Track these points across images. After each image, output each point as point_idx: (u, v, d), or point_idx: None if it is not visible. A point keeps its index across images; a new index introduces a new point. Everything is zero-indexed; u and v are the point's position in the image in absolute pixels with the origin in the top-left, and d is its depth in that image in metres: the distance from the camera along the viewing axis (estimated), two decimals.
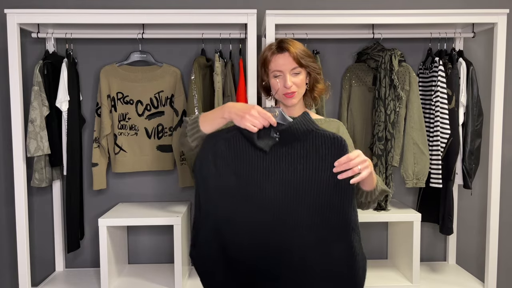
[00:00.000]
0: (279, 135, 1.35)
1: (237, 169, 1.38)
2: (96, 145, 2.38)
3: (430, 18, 2.15)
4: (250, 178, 1.36)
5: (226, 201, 1.39)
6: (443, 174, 2.30)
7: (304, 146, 1.34)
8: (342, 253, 1.35)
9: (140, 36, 2.33)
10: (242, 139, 1.38)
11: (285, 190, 1.35)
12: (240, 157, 1.38)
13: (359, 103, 2.48)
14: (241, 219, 1.38)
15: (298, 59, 1.49)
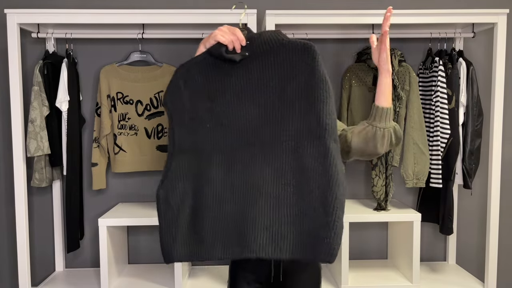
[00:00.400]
0: (248, 46, 1.30)
1: (209, 93, 1.33)
2: (96, 145, 2.38)
3: (430, 18, 2.15)
4: (222, 99, 1.32)
5: (201, 128, 1.33)
6: (443, 174, 2.30)
7: (274, 57, 1.28)
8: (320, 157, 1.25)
9: (140, 36, 2.33)
10: (212, 60, 1.35)
11: (259, 105, 1.29)
12: (211, 79, 1.34)
13: (359, 103, 2.47)
14: (216, 144, 1.32)
15: None
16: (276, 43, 1.29)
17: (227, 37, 1.30)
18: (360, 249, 2.64)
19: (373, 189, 2.31)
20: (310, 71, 1.26)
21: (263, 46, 1.30)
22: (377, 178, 2.28)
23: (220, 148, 1.32)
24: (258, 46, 1.30)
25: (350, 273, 2.39)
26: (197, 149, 1.34)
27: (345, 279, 2.26)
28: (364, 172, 2.61)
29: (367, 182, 2.61)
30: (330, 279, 2.41)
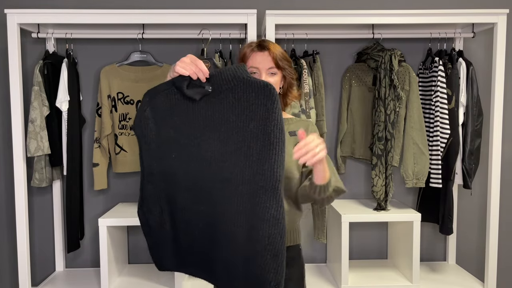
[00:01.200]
0: (210, 83, 1.32)
1: (174, 123, 1.37)
2: (97, 145, 2.38)
3: (430, 18, 2.15)
4: (185, 131, 1.36)
5: (166, 156, 1.38)
6: (443, 174, 2.30)
7: (234, 95, 1.31)
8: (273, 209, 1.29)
9: (140, 36, 2.33)
10: (177, 92, 1.37)
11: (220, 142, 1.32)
12: (175, 109, 1.37)
13: (359, 103, 2.48)
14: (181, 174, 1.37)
15: (276, 60, 1.50)
16: (238, 81, 1.31)
17: (188, 68, 1.32)
18: (360, 249, 2.64)
19: (373, 189, 2.31)
20: (268, 116, 1.28)
21: (225, 84, 1.32)
22: (377, 178, 2.28)
23: (185, 177, 1.38)
24: (220, 83, 1.32)
25: (350, 273, 2.39)
26: (165, 174, 1.40)
27: (345, 279, 2.26)
28: (364, 172, 2.61)
29: (367, 182, 2.61)
30: (330, 279, 2.41)
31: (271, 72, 1.51)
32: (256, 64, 1.50)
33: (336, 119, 2.58)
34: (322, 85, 2.34)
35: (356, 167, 2.60)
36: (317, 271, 2.53)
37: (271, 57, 1.49)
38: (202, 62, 1.33)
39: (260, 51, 1.51)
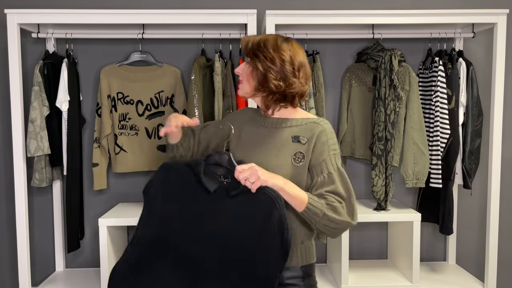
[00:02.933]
0: (226, 181, 1.36)
1: (178, 202, 1.40)
2: (96, 145, 2.38)
3: (430, 18, 2.15)
4: (190, 213, 1.38)
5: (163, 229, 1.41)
6: (443, 174, 2.30)
7: (242, 199, 1.32)
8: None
9: (140, 36, 2.33)
10: (192, 175, 1.40)
11: (218, 236, 1.34)
12: (186, 191, 1.39)
13: (359, 103, 2.48)
14: (174, 251, 1.38)
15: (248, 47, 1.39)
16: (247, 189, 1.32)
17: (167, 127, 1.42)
18: (360, 249, 2.64)
19: (373, 189, 2.31)
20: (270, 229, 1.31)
21: (237, 187, 1.33)
22: (377, 178, 2.28)
23: (178, 261, 1.38)
24: (234, 185, 1.34)
25: (350, 273, 2.39)
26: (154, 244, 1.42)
27: (345, 279, 2.26)
28: (364, 172, 2.61)
29: (367, 182, 2.61)
30: (330, 279, 2.41)
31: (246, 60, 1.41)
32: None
33: (336, 119, 2.58)
34: (322, 85, 2.34)
35: (356, 167, 2.60)
36: (317, 271, 2.52)
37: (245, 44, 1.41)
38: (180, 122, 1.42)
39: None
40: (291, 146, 1.41)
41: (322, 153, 1.39)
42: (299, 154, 1.39)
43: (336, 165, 1.39)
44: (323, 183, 1.37)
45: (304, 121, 1.45)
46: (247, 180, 1.29)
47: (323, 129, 1.41)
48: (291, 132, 1.43)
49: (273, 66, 1.37)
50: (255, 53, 1.38)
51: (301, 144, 1.40)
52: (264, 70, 1.37)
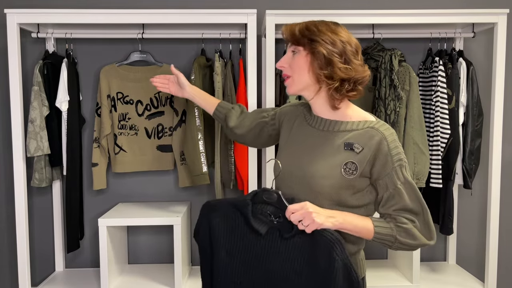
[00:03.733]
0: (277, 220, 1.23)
1: (229, 246, 1.30)
2: (96, 145, 2.38)
3: (430, 18, 2.15)
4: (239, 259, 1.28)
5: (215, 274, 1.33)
6: (443, 174, 2.30)
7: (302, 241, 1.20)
8: None
9: (140, 36, 2.33)
10: (239, 216, 1.29)
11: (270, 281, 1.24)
12: (234, 235, 1.29)
13: (359, 103, 2.45)
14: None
15: (294, 33, 1.22)
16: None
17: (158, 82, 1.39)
18: None
19: None
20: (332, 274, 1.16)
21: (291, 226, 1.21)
22: None
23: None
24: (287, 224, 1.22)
25: None
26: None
27: None
28: None
29: None
30: None
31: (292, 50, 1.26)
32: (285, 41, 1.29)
33: None
34: None
35: None
36: None
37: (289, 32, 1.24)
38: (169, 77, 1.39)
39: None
40: (342, 154, 1.24)
41: (385, 166, 1.22)
42: (351, 164, 1.22)
43: (403, 178, 1.24)
44: (389, 200, 1.24)
45: (361, 125, 1.26)
46: (300, 222, 1.16)
47: (382, 137, 1.23)
48: (344, 137, 1.25)
49: (335, 49, 1.22)
50: (312, 38, 1.21)
51: (354, 153, 1.22)
52: (328, 54, 1.21)
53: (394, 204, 1.24)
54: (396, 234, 1.21)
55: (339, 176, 1.22)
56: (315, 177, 1.24)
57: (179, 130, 2.38)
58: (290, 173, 1.31)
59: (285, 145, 1.40)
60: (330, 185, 1.22)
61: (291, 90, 1.30)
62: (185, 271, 2.34)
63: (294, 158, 1.33)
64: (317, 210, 1.17)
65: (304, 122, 1.37)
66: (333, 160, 1.24)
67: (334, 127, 1.29)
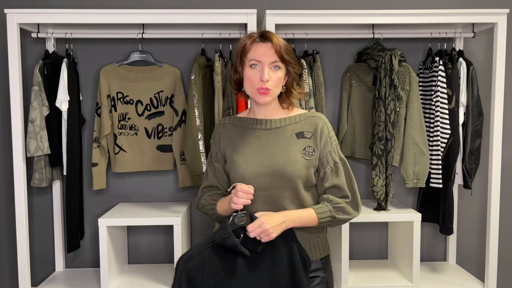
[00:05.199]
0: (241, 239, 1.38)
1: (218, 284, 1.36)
2: (96, 145, 2.38)
3: (430, 18, 2.15)
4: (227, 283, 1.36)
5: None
6: (443, 174, 2.30)
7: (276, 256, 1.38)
8: None
9: (140, 36, 2.33)
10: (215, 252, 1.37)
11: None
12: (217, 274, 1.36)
13: (359, 103, 2.47)
14: None
15: (281, 53, 1.39)
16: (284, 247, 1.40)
17: (241, 201, 1.36)
18: (360, 249, 2.64)
19: (373, 189, 2.30)
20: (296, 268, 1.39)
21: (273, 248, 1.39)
22: (377, 178, 2.28)
23: None
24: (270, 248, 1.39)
25: (350, 273, 2.39)
26: None
27: (345, 279, 2.26)
28: (364, 172, 2.61)
29: (367, 182, 2.61)
30: None
31: (274, 65, 1.40)
32: (258, 57, 1.39)
33: (336, 119, 2.58)
34: (322, 85, 2.34)
35: (356, 167, 2.60)
36: None
37: (275, 49, 1.38)
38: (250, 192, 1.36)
39: (262, 41, 1.40)
40: (297, 142, 1.45)
41: (326, 145, 1.46)
42: (308, 148, 1.45)
43: (338, 155, 1.48)
44: (330, 174, 1.45)
45: (303, 117, 1.50)
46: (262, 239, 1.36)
47: (323, 122, 1.49)
48: (293, 129, 1.47)
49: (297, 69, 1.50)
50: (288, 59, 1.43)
51: (306, 138, 1.45)
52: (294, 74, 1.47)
53: (333, 179, 1.45)
54: (335, 214, 1.43)
55: (302, 159, 1.43)
56: (284, 165, 1.41)
57: (179, 130, 2.38)
58: (255, 173, 1.44)
59: (236, 153, 1.48)
60: (298, 169, 1.42)
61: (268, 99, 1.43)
62: None
63: (253, 158, 1.46)
64: (272, 223, 1.35)
65: (245, 129, 1.51)
66: (291, 148, 1.44)
67: (281, 123, 1.48)
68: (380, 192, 2.29)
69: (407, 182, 2.28)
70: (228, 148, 1.52)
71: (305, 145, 1.45)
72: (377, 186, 2.29)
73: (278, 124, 1.49)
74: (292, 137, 1.46)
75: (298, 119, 1.49)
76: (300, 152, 1.44)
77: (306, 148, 1.44)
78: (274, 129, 1.48)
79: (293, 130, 1.47)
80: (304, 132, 1.46)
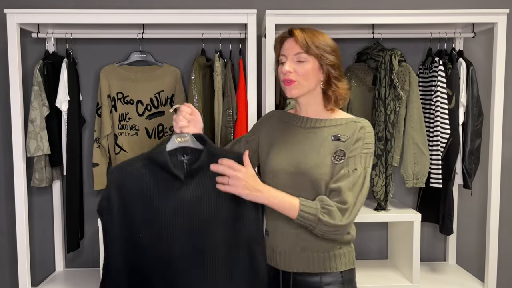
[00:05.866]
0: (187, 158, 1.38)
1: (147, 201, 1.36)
2: (96, 145, 2.38)
3: (430, 18, 2.15)
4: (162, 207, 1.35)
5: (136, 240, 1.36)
6: (443, 174, 2.30)
7: (209, 174, 1.36)
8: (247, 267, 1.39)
9: (140, 36, 2.33)
10: (151, 168, 1.39)
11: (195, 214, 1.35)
12: (150, 189, 1.37)
13: (359, 103, 2.47)
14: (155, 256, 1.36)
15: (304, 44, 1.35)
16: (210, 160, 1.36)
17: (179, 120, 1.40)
18: (360, 249, 2.64)
19: (373, 189, 2.31)
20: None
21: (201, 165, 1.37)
22: (377, 178, 2.28)
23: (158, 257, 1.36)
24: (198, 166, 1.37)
25: None
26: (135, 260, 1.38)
27: None
28: None
29: None
30: None
31: (298, 59, 1.37)
32: (284, 51, 1.39)
33: None
34: None
35: None
36: None
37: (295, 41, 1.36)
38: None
39: (289, 37, 1.40)
40: (331, 144, 1.38)
41: (356, 149, 1.37)
42: (340, 152, 1.38)
43: (364, 164, 1.36)
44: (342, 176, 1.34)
45: (344, 121, 1.43)
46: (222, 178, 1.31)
47: (362, 126, 1.40)
48: (331, 131, 1.41)
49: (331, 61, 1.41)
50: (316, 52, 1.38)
51: (341, 142, 1.38)
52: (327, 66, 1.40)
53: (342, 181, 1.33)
54: (320, 214, 1.29)
55: (330, 163, 1.37)
56: (311, 167, 1.37)
57: None
58: (283, 170, 1.42)
59: (272, 147, 1.49)
60: (324, 172, 1.36)
61: (295, 93, 1.40)
62: None
63: (286, 155, 1.43)
64: (248, 183, 1.29)
65: (287, 125, 1.50)
66: (323, 150, 1.38)
67: (320, 123, 1.44)
68: (380, 192, 2.29)
69: (407, 182, 2.28)
70: (266, 140, 1.52)
71: (337, 149, 1.38)
72: (377, 186, 2.29)
73: (317, 124, 1.45)
74: (328, 139, 1.40)
75: (339, 122, 1.42)
76: (331, 155, 1.38)
77: (338, 152, 1.38)
78: (312, 129, 1.45)
79: (330, 133, 1.41)
80: (341, 135, 1.39)
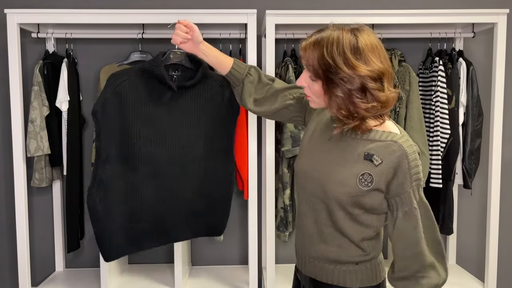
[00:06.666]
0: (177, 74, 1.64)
1: (141, 111, 1.57)
2: None
3: (430, 18, 2.15)
4: (153, 116, 1.57)
5: (129, 142, 1.57)
6: (443, 174, 2.30)
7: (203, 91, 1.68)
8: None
9: (140, 36, 2.33)
10: (146, 78, 1.59)
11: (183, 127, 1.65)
12: (144, 98, 1.58)
13: None
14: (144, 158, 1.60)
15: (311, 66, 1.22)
16: (204, 75, 1.68)
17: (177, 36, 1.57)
18: None
19: None
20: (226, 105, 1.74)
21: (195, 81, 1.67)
22: None
23: (147, 161, 1.61)
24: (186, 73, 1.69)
25: None
26: (124, 160, 1.59)
27: None
28: None
29: None
30: None
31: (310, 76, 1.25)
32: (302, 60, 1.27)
33: None
34: None
35: None
36: None
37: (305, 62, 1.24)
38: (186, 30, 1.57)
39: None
40: (361, 164, 1.21)
41: (404, 184, 1.18)
42: (367, 176, 1.19)
43: (419, 197, 1.22)
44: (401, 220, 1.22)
45: (383, 136, 1.21)
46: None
47: (404, 153, 1.18)
48: (366, 147, 1.21)
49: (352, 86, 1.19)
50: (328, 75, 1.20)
51: (373, 164, 1.19)
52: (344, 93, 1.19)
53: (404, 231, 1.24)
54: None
55: (354, 185, 1.21)
56: (331, 182, 1.24)
57: None
58: (305, 173, 1.33)
59: (306, 145, 1.39)
60: (344, 192, 1.21)
61: (314, 106, 1.32)
62: (185, 271, 2.34)
63: (313, 159, 1.32)
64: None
65: (328, 125, 1.35)
66: (351, 168, 1.22)
67: (357, 135, 1.25)
68: None
69: None
70: (308, 130, 1.42)
71: (365, 171, 1.20)
72: None
73: (353, 133, 1.25)
74: (360, 156, 1.21)
75: (376, 137, 1.22)
76: (356, 177, 1.20)
77: (365, 175, 1.19)
78: (348, 138, 1.26)
79: (365, 149, 1.21)
80: (374, 156, 1.19)
